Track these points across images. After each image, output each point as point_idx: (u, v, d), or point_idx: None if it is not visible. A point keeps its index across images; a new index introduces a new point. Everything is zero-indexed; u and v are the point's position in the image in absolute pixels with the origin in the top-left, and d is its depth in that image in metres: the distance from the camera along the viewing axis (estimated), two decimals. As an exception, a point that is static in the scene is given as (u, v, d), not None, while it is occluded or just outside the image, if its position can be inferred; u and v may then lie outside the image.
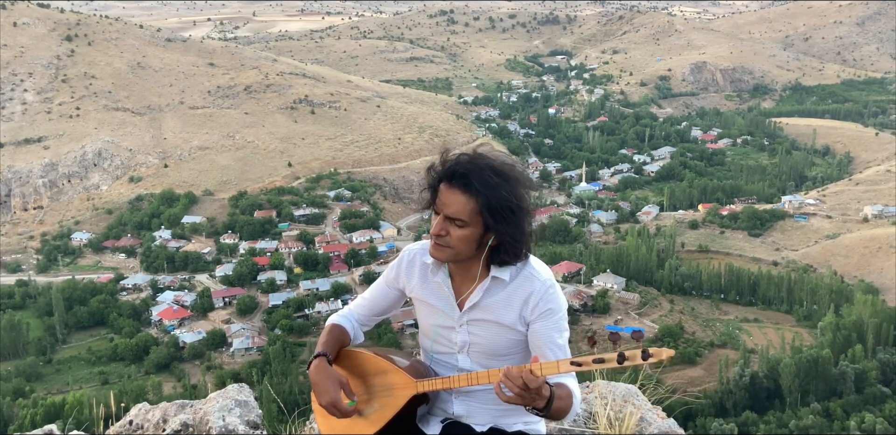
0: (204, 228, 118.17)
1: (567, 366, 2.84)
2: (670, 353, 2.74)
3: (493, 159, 3.08)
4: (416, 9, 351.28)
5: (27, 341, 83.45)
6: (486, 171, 3.01)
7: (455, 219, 3.03)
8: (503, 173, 3.04)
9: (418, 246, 3.48)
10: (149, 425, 4.70)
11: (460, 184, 3.01)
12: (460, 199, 3.01)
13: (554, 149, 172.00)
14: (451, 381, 3.15)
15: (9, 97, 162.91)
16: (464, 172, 3.01)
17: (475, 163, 3.04)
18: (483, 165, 3.03)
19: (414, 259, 3.44)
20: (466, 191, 3.00)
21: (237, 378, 65.86)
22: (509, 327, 3.20)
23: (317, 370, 3.17)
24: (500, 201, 2.99)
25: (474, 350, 3.28)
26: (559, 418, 3.05)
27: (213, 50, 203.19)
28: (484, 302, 3.21)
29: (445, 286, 3.30)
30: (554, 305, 3.16)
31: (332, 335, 3.42)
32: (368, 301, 3.59)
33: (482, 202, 2.98)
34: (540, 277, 3.18)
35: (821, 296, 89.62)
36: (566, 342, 3.20)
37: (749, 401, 68.29)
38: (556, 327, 3.16)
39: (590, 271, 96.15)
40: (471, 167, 3.02)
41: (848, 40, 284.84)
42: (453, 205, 3.02)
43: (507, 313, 3.19)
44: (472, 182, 2.98)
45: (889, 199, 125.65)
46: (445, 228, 3.07)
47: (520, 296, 3.17)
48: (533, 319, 3.17)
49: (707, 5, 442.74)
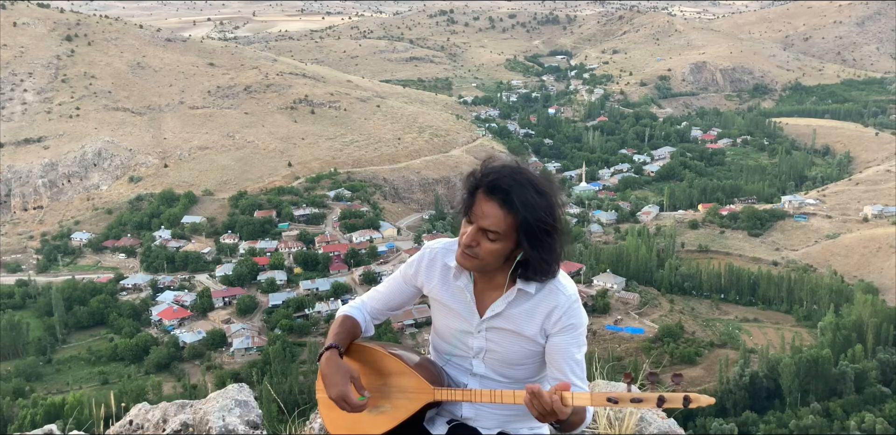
0: (204, 228, 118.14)
1: (601, 401, 2.75)
2: (710, 401, 2.67)
3: (536, 176, 2.98)
4: (416, 9, 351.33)
5: (27, 341, 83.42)
6: (528, 189, 2.92)
7: (489, 231, 2.96)
8: (544, 193, 2.95)
9: (440, 245, 3.42)
10: (149, 425, 4.70)
11: (500, 198, 2.91)
12: (498, 212, 2.92)
13: (554, 149, 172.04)
14: (472, 395, 3.12)
15: (9, 97, 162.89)
16: (506, 188, 2.91)
17: (518, 178, 2.94)
18: (525, 182, 2.93)
19: (435, 259, 3.39)
20: (505, 206, 2.91)
21: (237, 378, 65.84)
22: (529, 339, 3.18)
23: (328, 362, 3.14)
24: (538, 222, 2.92)
25: (490, 357, 3.26)
26: (572, 430, 3.03)
27: (213, 50, 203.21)
28: (507, 312, 3.19)
29: (468, 291, 3.26)
30: (576, 321, 3.14)
31: (344, 328, 3.38)
32: (383, 295, 3.55)
33: (520, 220, 2.91)
34: (566, 292, 3.15)
35: (821, 296, 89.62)
36: (583, 358, 3.19)
37: (749, 401, 68.29)
38: (575, 342, 3.15)
39: (590, 271, 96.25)
40: (513, 183, 2.92)
41: (848, 40, 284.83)
42: (490, 217, 2.93)
43: (528, 325, 3.16)
44: (514, 198, 2.90)
45: (889, 199, 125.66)
46: (477, 239, 2.99)
47: (543, 309, 3.14)
48: (554, 332, 3.14)
49: (707, 5, 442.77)
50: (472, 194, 3.01)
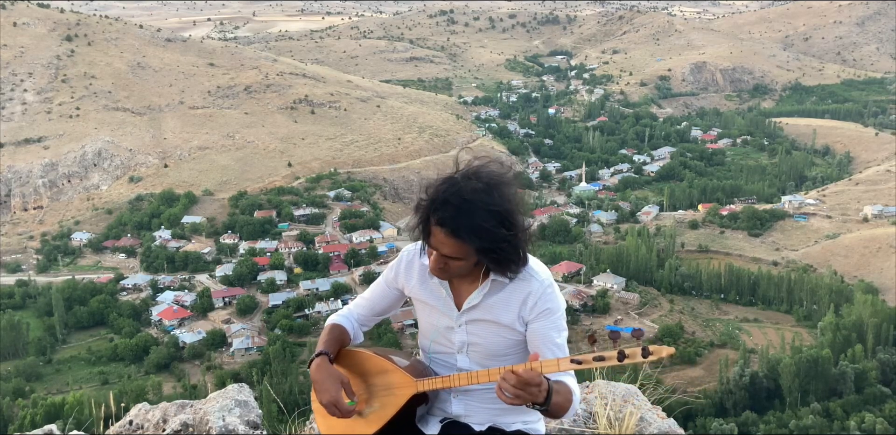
0: (204, 228, 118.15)
1: (567, 364, 2.84)
2: (670, 350, 2.73)
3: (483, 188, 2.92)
4: (416, 9, 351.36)
5: (27, 341, 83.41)
6: (476, 214, 2.88)
7: (451, 257, 3.01)
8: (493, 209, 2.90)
9: (416, 246, 3.46)
10: (149, 425, 4.70)
11: (449, 230, 2.91)
12: (452, 242, 2.93)
13: (554, 149, 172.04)
14: (450, 380, 3.15)
15: (9, 97, 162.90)
16: (450, 218, 2.89)
17: (464, 207, 2.89)
18: (472, 204, 2.89)
19: (413, 260, 3.45)
20: (457, 237, 2.91)
21: (237, 378, 65.84)
22: (507, 327, 3.20)
23: (318, 369, 3.19)
24: (494, 242, 2.93)
25: (473, 350, 3.29)
26: (560, 416, 3.03)
27: (212, 50, 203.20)
28: (483, 303, 3.22)
29: (443, 287, 3.31)
30: (552, 305, 3.16)
31: (333, 335, 3.44)
32: (368, 301, 3.60)
33: (475, 246, 2.93)
34: (538, 277, 3.18)
35: (821, 296, 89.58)
36: (565, 341, 3.20)
37: (749, 401, 68.28)
38: (554, 327, 3.17)
39: (590, 271, 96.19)
40: (458, 212, 2.88)
41: (848, 40, 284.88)
42: (446, 246, 2.96)
43: (505, 313, 3.19)
44: (461, 230, 2.89)
45: (889, 199, 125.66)
46: (443, 262, 3.06)
47: (518, 296, 3.17)
48: (531, 318, 3.17)
49: (707, 5, 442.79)
50: (425, 222, 3.01)
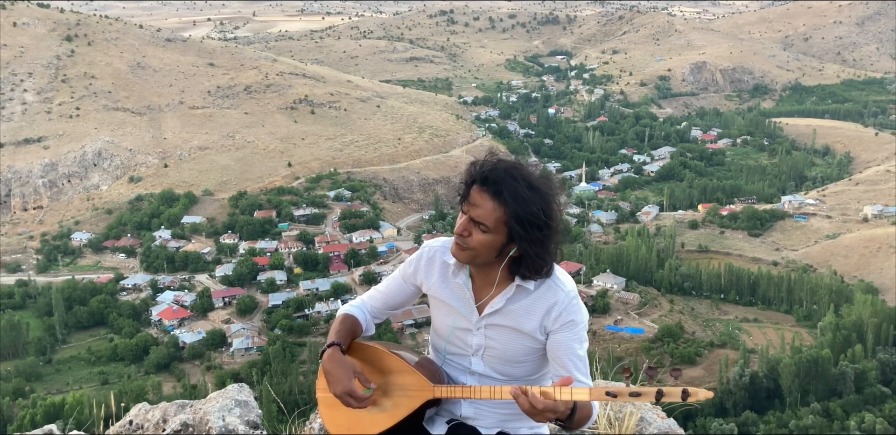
0: (204, 228, 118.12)
1: (600, 394, 2.72)
2: (708, 395, 2.64)
3: (531, 173, 3.02)
4: (416, 9, 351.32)
5: (27, 341, 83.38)
6: (520, 184, 2.96)
7: (479, 223, 3.00)
8: (538, 188, 2.98)
9: (438, 243, 3.45)
10: (149, 425, 4.70)
11: (491, 190, 2.96)
12: (489, 204, 2.97)
13: (554, 149, 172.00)
14: (471, 391, 3.09)
15: (9, 97, 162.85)
16: (498, 180, 2.96)
17: (511, 172, 2.98)
18: (519, 177, 2.98)
19: (434, 257, 3.41)
20: (496, 198, 2.96)
21: (237, 378, 65.83)
22: (528, 335, 3.18)
23: (330, 359, 3.14)
24: (529, 216, 2.95)
25: (489, 354, 3.26)
26: (580, 427, 3.01)
27: (212, 50, 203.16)
28: (506, 308, 3.20)
29: (466, 288, 3.28)
30: (576, 317, 3.15)
31: (345, 326, 3.39)
32: (383, 294, 3.57)
33: (510, 213, 2.95)
34: (564, 288, 3.16)
35: (821, 296, 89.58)
36: (586, 353, 3.19)
37: (749, 401, 68.30)
38: (577, 338, 3.15)
39: (590, 271, 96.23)
40: (506, 176, 2.97)
41: (848, 40, 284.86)
42: (480, 208, 2.98)
43: (527, 321, 3.17)
44: (504, 191, 2.94)
45: (889, 199, 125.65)
46: (469, 229, 3.04)
47: (543, 305, 3.15)
48: (554, 329, 3.15)
49: (707, 5, 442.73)
50: (468, 185, 3.06)
